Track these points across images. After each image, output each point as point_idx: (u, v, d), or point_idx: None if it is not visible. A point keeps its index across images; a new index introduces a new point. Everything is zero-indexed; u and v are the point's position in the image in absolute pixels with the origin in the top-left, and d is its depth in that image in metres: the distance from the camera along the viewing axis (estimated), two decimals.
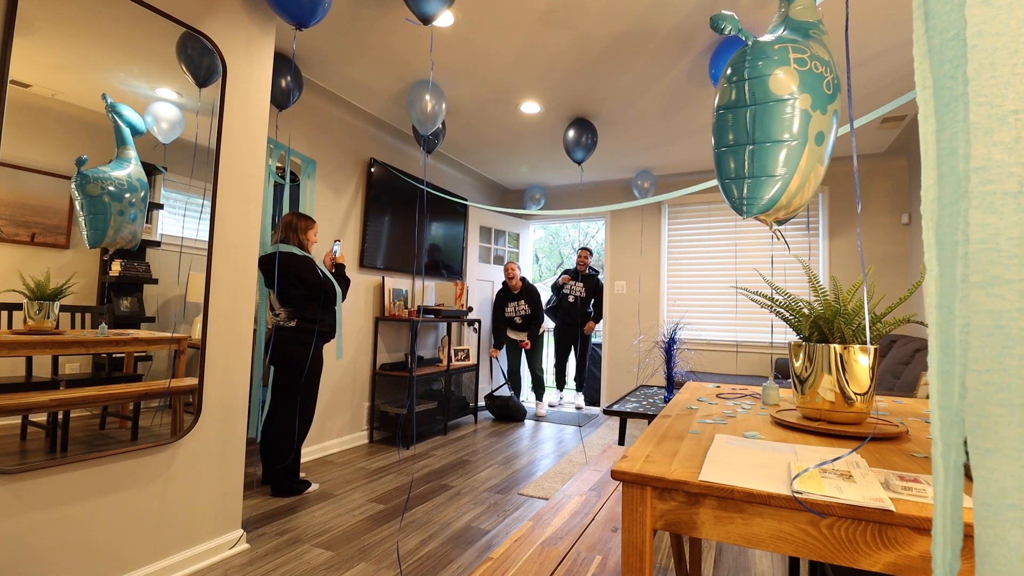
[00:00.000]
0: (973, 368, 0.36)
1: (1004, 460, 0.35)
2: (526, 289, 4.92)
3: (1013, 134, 0.36)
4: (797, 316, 1.18)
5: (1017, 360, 0.35)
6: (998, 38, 0.36)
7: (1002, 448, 0.35)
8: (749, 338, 4.76)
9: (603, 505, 1.60)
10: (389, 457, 3.42)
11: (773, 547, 0.73)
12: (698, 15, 2.43)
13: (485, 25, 2.57)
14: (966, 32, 0.37)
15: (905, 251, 4.28)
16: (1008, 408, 0.35)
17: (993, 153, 0.36)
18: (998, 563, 0.35)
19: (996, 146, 0.36)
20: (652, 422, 1.18)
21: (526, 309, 4.89)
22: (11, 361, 1.47)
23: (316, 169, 3.31)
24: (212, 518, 2.00)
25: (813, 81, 1.21)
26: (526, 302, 4.89)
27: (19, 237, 1.49)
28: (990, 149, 0.36)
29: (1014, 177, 0.36)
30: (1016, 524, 0.34)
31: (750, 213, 1.28)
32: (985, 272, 0.36)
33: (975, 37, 0.37)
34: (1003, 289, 0.35)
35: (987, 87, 0.37)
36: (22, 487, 1.49)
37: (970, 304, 0.36)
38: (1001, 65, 0.36)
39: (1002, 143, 0.36)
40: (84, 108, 1.61)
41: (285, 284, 2.65)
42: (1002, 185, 0.36)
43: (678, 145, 4.29)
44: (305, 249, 2.76)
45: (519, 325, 4.93)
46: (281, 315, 2.71)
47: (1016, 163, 0.36)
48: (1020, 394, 0.35)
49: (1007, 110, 0.36)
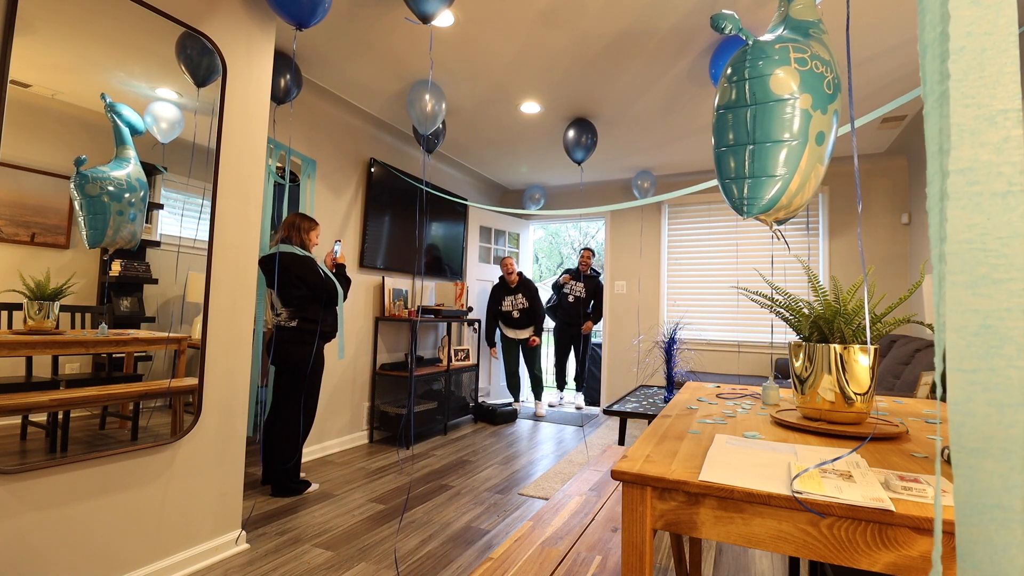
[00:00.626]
0: (958, 368, 0.36)
1: (990, 460, 0.35)
2: (523, 283, 4.83)
3: (1002, 134, 0.36)
4: (797, 316, 1.18)
5: (1004, 360, 0.35)
6: (987, 38, 0.36)
7: (988, 448, 0.35)
8: (749, 338, 4.76)
9: (603, 505, 1.60)
10: (389, 457, 3.42)
11: (773, 547, 0.73)
12: (698, 15, 2.43)
13: (485, 25, 2.57)
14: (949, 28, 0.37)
15: (905, 251, 4.27)
16: (996, 408, 0.35)
17: (980, 154, 0.36)
18: (982, 563, 0.35)
19: (983, 147, 0.36)
20: (652, 422, 1.18)
21: (523, 303, 4.81)
22: (11, 361, 1.47)
23: (316, 169, 3.31)
24: (212, 518, 2.00)
25: (814, 81, 1.21)
26: (524, 296, 4.81)
27: (19, 237, 1.49)
28: (976, 150, 0.36)
29: (1002, 177, 0.36)
30: (1003, 524, 0.34)
31: (750, 213, 1.28)
32: (971, 272, 0.36)
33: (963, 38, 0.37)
34: (990, 289, 0.36)
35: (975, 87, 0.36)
36: (22, 487, 1.48)
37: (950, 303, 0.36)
38: (989, 64, 0.36)
39: (990, 143, 0.36)
40: (84, 108, 1.61)
41: (286, 284, 2.65)
42: (989, 186, 0.36)
43: (678, 145, 4.29)
44: (306, 249, 2.76)
45: (516, 320, 4.85)
46: (283, 315, 2.71)
47: (1005, 163, 0.36)
48: (1007, 393, 0.35)
49: (995, 110, 0.36)
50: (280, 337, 2.67)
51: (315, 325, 2.71)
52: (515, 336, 4.93)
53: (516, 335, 4.93)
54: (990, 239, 0.36)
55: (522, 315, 4.83)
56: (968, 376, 0.36)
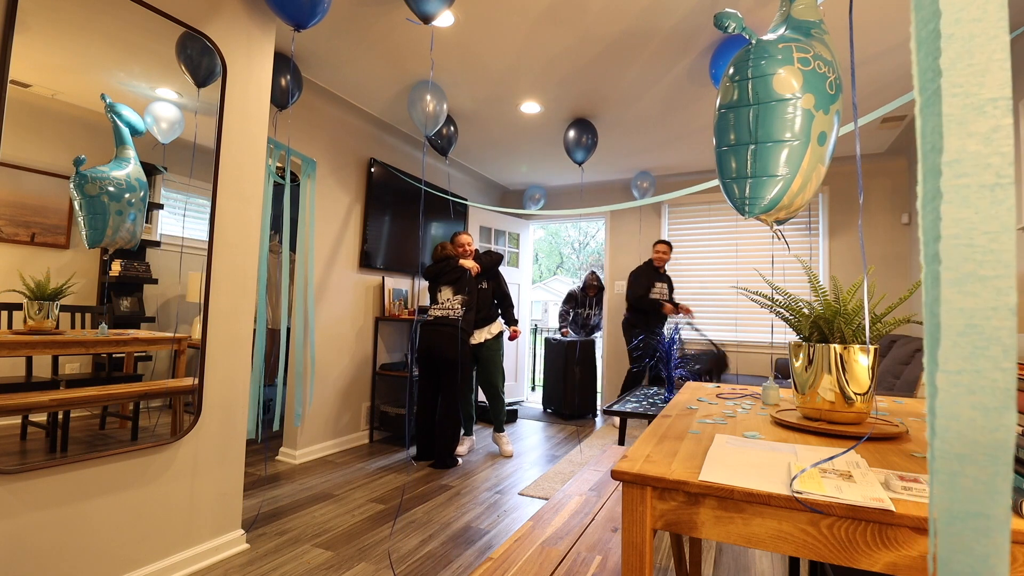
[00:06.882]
0: (943, 369, 0.35)
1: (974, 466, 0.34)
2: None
3: (991, 123, 0.34)
4: (797, 316, 1.18)
5: (990, 362, 0.33)
6: (976, 24, 0.35)
7: (972, 453, 0.34)
8: (749, 338, 4.76)
9: (603, 505, 1.60)
10: (389, 457, 3.42)
11: (773, 547, 0.73)
12: (698, 15, 2.42)
13: (485, 25, 2.57)
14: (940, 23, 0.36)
15: (905, 251, 4.27)
16: (981, 412, 0.34)
17: (968, 144, 0.35)
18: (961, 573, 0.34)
19: (971, 137, 0.35)
20: (652, 422, 1.18)
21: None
22: (11, 361, 1.47)
23: (316, 169, 3.31)
24: (212, 518, 2.00)
25: (816, 81, 1.21)
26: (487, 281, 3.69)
27: (19, 237, 1.49)
28: (964, 141, 0.35)
29: (991, 169, 0.34)
30: (984, 533, 0.33)
31: (752, 213, 1.28)
32: (958, 269, 0.35)
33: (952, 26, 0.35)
34: (976, 286, 0.34)
35: (963, 76, 0.35)
36: (22, 487, 1.48)
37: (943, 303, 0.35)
38: (979, 52, 0.35)
39: (978, 133, 0.35)
40: (84, 108, 1.61)
41: None
42: (978, 178, 0.34)
43: (678, 145, 4.29)
44: None
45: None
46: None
47: (994, 153, 0.34)
48: (993, 396, 0.33)
49: (984, 99, 0.35)
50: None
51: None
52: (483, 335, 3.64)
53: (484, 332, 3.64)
54: (977, 234, 0.34)
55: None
56: (952, 378, 0.34)
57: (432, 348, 3.22)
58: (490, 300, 3.62)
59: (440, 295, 3.38)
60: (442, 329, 3.24)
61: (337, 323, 3.54)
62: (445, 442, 3.23)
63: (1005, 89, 0.34)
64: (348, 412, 3.64)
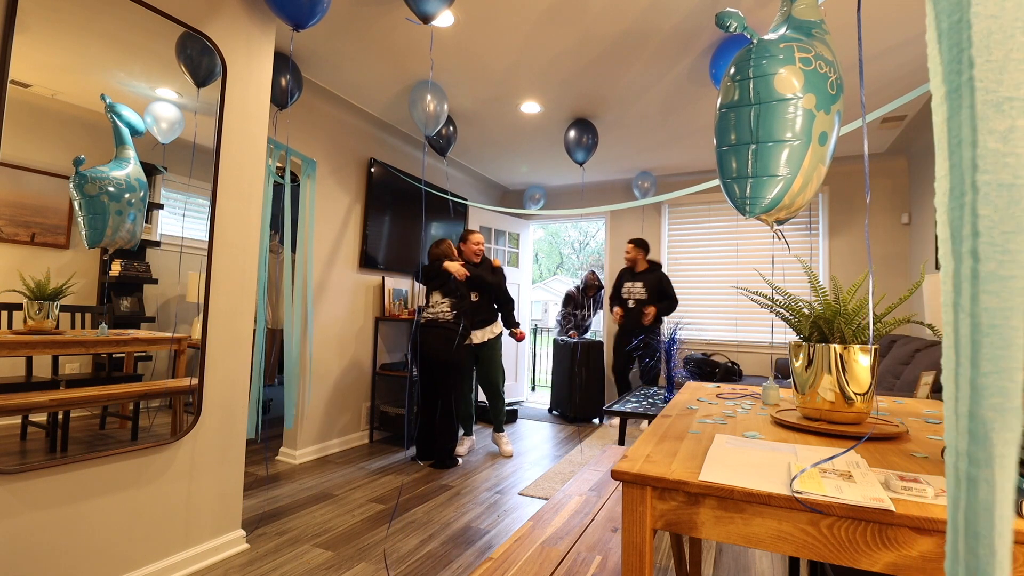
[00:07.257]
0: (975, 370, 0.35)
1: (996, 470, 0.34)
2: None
3: (1007, 123, 0.34)
4: (797, 316, 1.17)
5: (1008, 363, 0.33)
6: (992, 21, 0.34)
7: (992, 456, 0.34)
8: (749, 338, 4.76)
9: (603, 505, 1.60)
10: (389, 457, 3.42)
11: (773, 547, 0.73)
12: (698, 15, 2.42)
13: (485, 25, 2.57)
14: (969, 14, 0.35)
15: (905, 251, 4.27)
16: (999, 413, 0.33)
17: (988, 141, 0.35)
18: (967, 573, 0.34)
19: (991, 134, 0.34)
20: (652, 422, 1.18)
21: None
22: (11, 361, 1.47)
23: (316, 169, 3.31)
24: (212, 518, 2.00)
25: (818, 81, 1.21)
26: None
27: (19, 237, 1.49)
28: (985, 137, 0.35)
29: (1008, 168, 0.34)
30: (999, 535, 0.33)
31: (753, 213, 1.28)
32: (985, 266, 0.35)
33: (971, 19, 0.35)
34: (996, 286, 0.34)
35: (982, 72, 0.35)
36: (22, 487, 1.48)
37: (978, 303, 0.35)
38: (996, 49, 0.34)
39: (996, 131, 0.34)
40: (84, 108, 1.61)
41: None
42: (997, 175, 0.34)
43: (678, 145, 4.29)
44: None
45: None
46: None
47: (1010, 153, 0.34)
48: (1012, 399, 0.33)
49: (1002, 96, 0.34)
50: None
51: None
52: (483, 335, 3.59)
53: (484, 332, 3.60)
54: (997, 232, 0.34)
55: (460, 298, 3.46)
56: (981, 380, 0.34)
57: (427, 350, 3.23)
58: (490, 302, 3.61)
59: (432, 297, 3.38)
60: (436, 331, 3.25)
61: (337, 323, 3.54)
62: (444, 442, 3.23)
63: (1021, 89, 0.34)
64: (348, 412, 3.64)
